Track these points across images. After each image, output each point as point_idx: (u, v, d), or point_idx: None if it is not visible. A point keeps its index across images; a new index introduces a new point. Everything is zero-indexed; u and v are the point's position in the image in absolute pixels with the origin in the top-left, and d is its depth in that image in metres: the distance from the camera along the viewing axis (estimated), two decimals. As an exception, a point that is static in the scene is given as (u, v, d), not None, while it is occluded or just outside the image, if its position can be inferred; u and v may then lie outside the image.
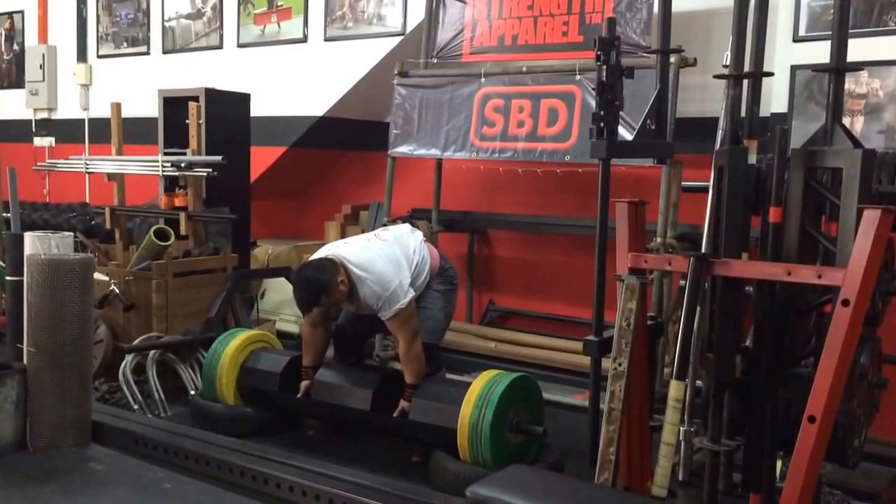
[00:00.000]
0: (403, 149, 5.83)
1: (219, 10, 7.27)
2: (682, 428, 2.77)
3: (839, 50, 2.87)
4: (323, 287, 3.91)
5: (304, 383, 4.28)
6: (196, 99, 5.57)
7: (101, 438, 3.44)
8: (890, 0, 4.37)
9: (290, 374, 4.37)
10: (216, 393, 4.48)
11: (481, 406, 3.65)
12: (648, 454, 3.08)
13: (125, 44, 8.01)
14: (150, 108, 6.05)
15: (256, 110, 6.05)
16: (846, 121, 4.19)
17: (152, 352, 4.82)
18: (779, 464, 3.00)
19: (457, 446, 3.70)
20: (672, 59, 4.24)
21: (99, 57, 8.24)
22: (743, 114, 3.03)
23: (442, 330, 4.40)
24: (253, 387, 4.45)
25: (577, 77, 5.12)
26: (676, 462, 2.84)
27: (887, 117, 4.37)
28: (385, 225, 5.19)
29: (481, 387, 3.73)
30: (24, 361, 3.29)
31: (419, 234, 4.34)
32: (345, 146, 7.05)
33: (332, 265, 3.95)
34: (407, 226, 4.48)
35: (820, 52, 3.25)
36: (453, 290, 4.41)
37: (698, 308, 2.81)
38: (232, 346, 4.50)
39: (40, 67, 8.54)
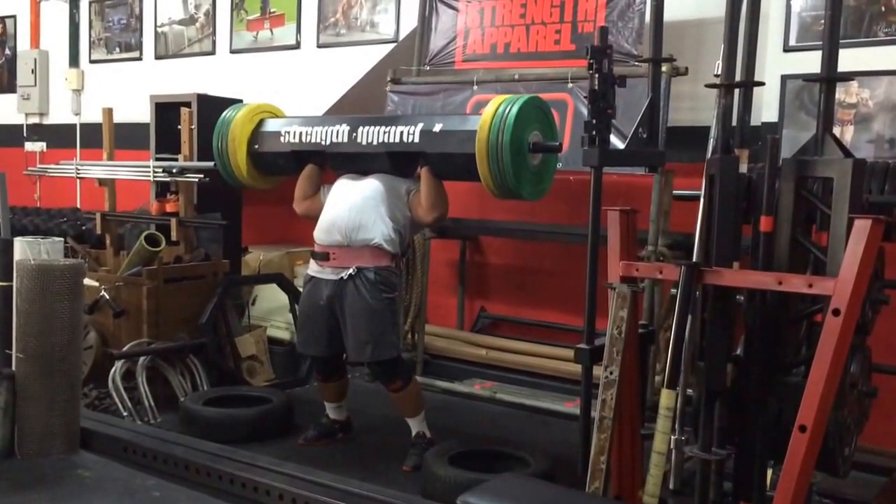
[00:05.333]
0: (396, 156, 5.82)
1: (212, 16, 7.26)
2: (673, 436, 2.76)
3: (829, 60, 2.89)
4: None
5: None
6: (188, 104, 5.55)
7: (90, 445, 3.42)
8: (880, 10, 4.40)
9: None
10: (228, 165, 4.50)
11: (498, 130, 3.63)
12: (639, 463, 3.08)
13: (118, 49, 7.99)
14: (142, 113, 6.03)
15: (249, 116, 6.03)
16: (836, 130, 4.21)
17: (142, 358, 4.80)
18: (769, 472, 3.00)
19: (477, 174, 3.71)
20: (664, 68, 4.25)
21: (91, 62, 8.21)
22: (734, 123, 3.05)
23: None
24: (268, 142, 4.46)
25: (570, 85, 5.12)
26: (667, 471, 2.84)
27: (877, 127, 4.39)
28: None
29: (494, 111, 3.69)
30: (13, 367, 3.27)
31: None
32: (337, 153, 7.03)
33: None
34: None
35: (810, 62, 3.26)
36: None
37: (689, 317, 2.82)
38: (243, 111, 4.51)
39: (32, 72, 8.49)
